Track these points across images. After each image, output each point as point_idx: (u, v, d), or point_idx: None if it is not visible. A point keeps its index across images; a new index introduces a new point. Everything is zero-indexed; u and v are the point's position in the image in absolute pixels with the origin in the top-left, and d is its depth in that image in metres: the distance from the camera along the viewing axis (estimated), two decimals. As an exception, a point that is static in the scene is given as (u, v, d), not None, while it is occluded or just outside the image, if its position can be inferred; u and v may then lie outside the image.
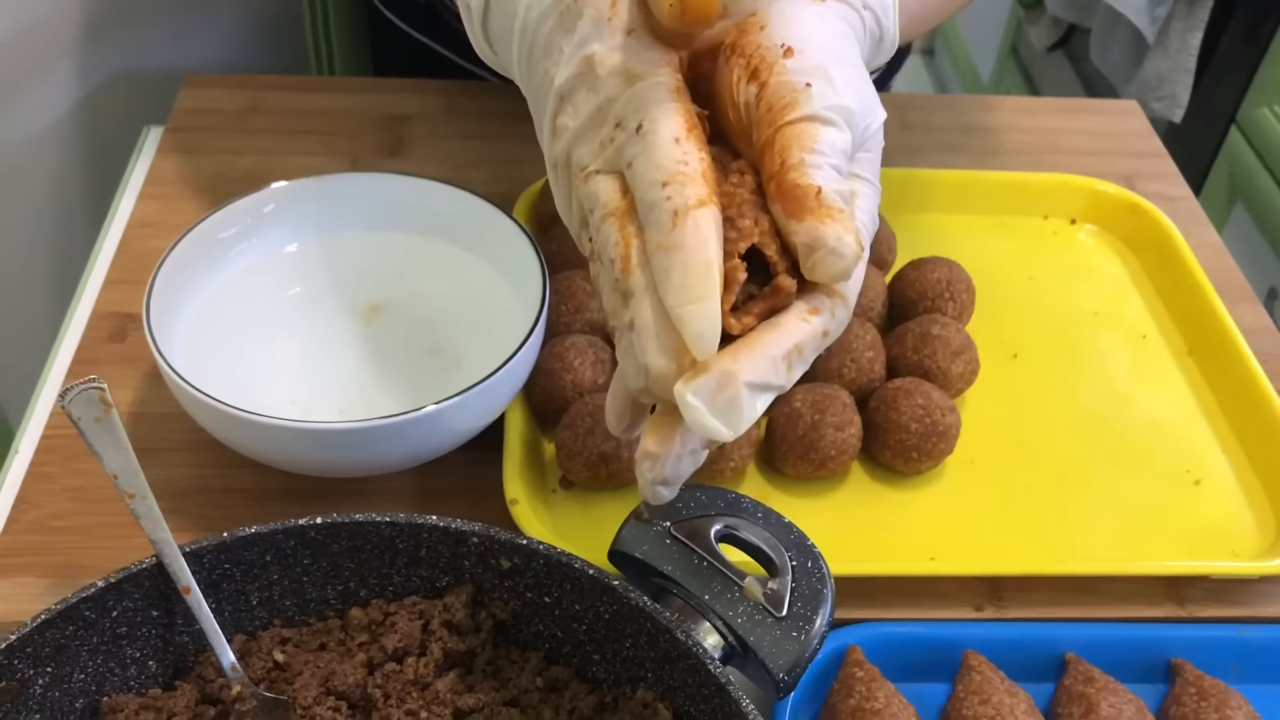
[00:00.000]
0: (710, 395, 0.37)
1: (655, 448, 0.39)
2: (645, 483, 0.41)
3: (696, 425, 0.37)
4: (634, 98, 0.39)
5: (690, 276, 0.37)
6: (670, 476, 0.40)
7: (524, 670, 0.50)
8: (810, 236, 0.37)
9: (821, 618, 0.47)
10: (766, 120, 0.39)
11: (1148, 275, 0.77)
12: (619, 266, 0.39)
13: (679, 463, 0.40)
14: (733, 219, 0.38)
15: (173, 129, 0.81)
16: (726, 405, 0.37)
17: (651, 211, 0.38)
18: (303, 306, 0.65)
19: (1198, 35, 1.56)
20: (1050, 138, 0.88)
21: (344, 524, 0.49)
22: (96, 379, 0.48)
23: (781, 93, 0.39)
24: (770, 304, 0.38)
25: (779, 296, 0.38)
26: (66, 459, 0.60)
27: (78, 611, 0.45)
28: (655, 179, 0.38)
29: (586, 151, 0.41)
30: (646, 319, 0.38)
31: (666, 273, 0.37)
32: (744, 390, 0.37)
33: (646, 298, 0.38)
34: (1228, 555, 0.61)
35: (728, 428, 0.37)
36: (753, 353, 0.37)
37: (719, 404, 0.37)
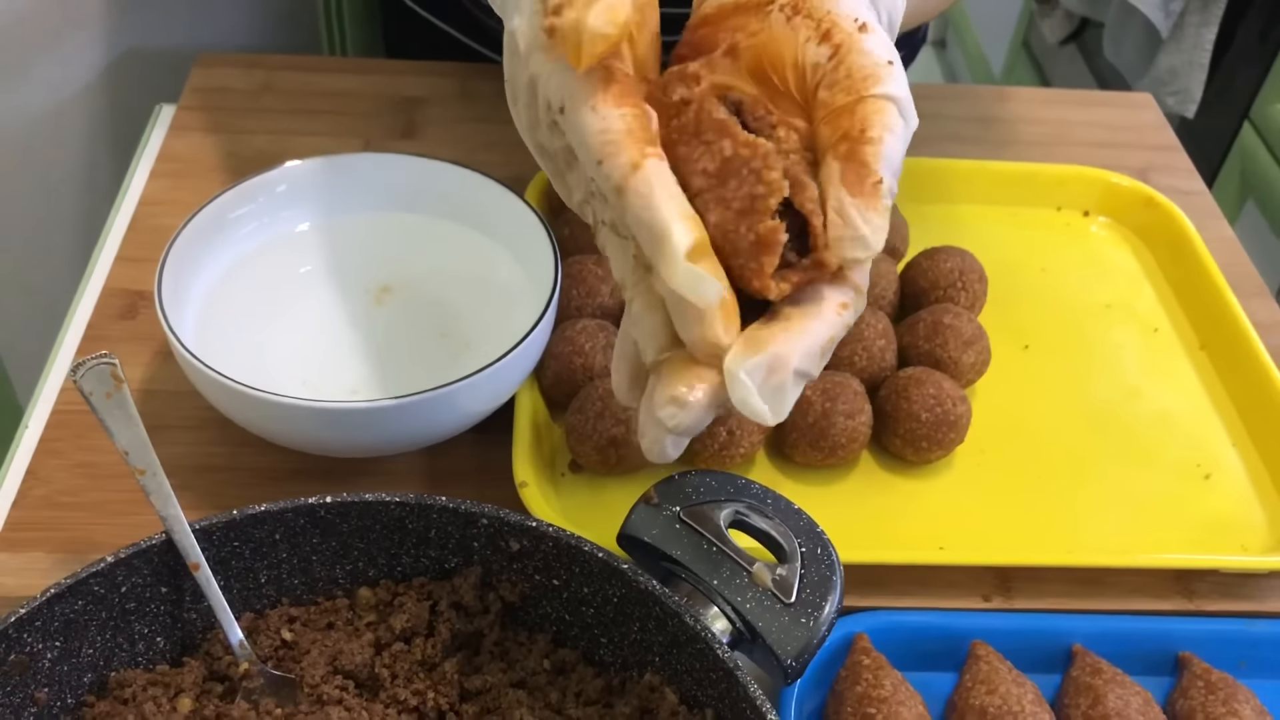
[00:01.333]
0: (762, 377, 0.36)
1: (684, 391, 0.38)
2: (659, 434, 0.39)
3: (742, 403, 0.36)
4: (550, 76, 0.38)
5: (657, 251, 0.36)
6: (693, 426, 0.39)
7: (531, 652, 0.50)
8: (851, 214, 0.37)
9: (830, 604, 0.47)
10: (846, 86, 0.38)
11: (1160, 268, 0.77)
12: (634, 243, 0.39)
13: (704, 414, 0.39)
14: (758, 171, 0.37)
15: (185, 107, 0.81)
16: (776, 389, 0.37)
17: (602, 193, 0.37)
18: (314, 286, 0.64)
19: (1212, 30, 1.55)
20: (1064, 129, 0.88)
21: (353, 503, 0.49)
22: (108, 354, 0.48)
23: (865, 64, 0.38)
24: (809, 277, 0.38)
25: (820, 271, 0.38)
26: (76, 435, 0.60)
27: (87, 586, 0.45)
28: (591, 159, 0.37)
29: (544, 135, 0.40)
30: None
31: (645, 248, 0.37)
32: (791, 377, 0.37)
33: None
34: (1237, 549, 0.61)
35: (773, 413, 0.37)
36: (803, 340, 0.37)
37: (769, 387, 0.37)
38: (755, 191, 0.37)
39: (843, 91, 0.38)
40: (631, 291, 0.40)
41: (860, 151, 0.37)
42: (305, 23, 0.96)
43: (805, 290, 0.38)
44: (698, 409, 0.38)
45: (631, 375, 0.43)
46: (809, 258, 0.38)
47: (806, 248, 0.38)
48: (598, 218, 0.41)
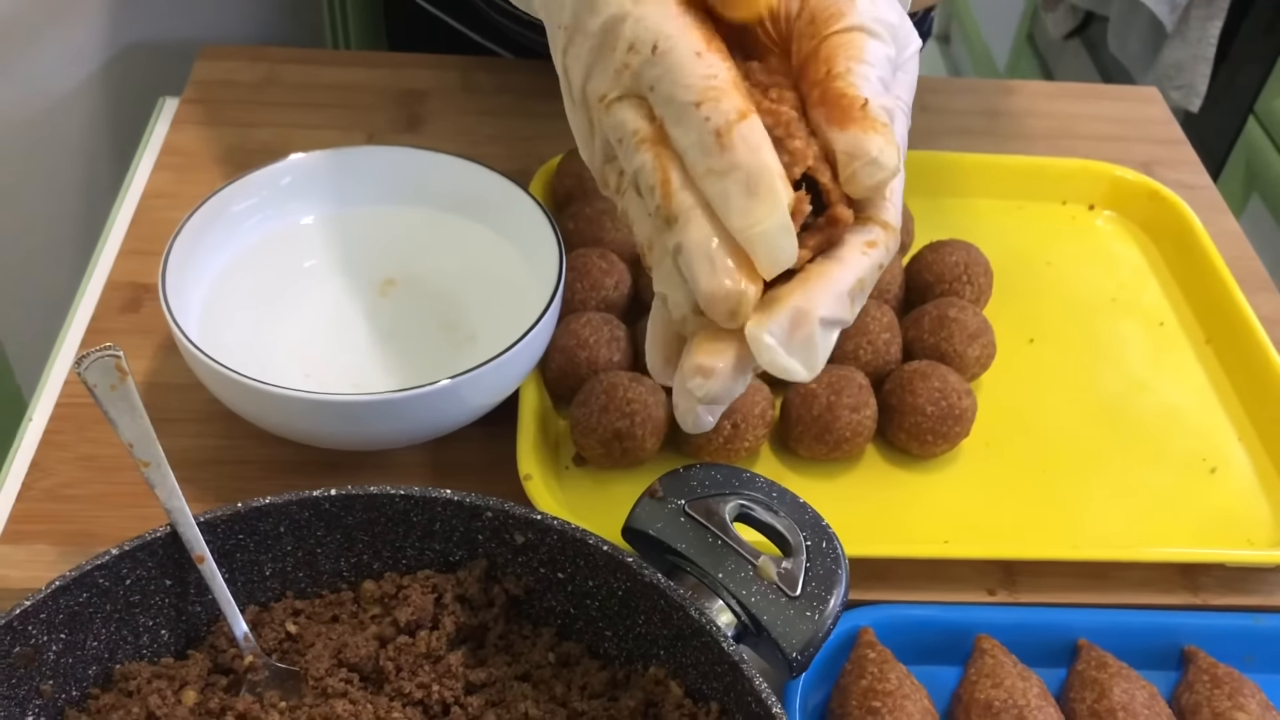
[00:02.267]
0: (785, 335, 0.36)
1: (709, 360, 0.38)
2: (690, 404, 0.39)
3: (773, 365, 0.36)
4: (643, 17, 0.38)
5: (755, 197, 0.36)
6: (721, 394, 0.38)
7: (536, 645, 0.49)
8: (853, 145, 0.36)
9: (835, 598, 0.47)
10: (809, 31, 0.38)
11: (1166, 262, 0.76)
12: (659, 193, 0.38)
13: (732, 382, 0.38)
14: (781, 139, 0.37)
15: (189, 100, 0.81)
16: (803, 344, 0.36)
17: (691, 134, 0.36)
18: (318, 279, 0.64)
19: (1217, 24, 1.55)
20: (1070, 123, 0.88)
21: (358, 496, 0.49)
22: (112, 346, 0.47)
23: (826, 3, 0.38)
24: (826, 235, 0.37)
25: (836, 228, 0.37)
26: (80, 427, 0.60)
27: (91, 579, 0.45)
28: (686, 100, 0.36)
29: (602, 80, 0.39)
30: (697, 242, 0.37)
31: (725, 197, 0.36)
32: (818, 327, 0.36)
33: (694, 220, 0.37)
34: (1243, 543, 0.60)
35: (805, 367, 0.36)
36: (823, 288, 0.37)
37: (795, 343, 0.36)
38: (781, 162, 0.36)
39: (809, 38, 0.38)
40: (657, 252, 0.40)
41: (832, 89, 0.37)
42: (308, 15, 0.96)
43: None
44: (724, 377, 0.38)
45: (665, 353, 0.42)
46: (823, 216, 0.37)
47: (821, 207, 0.37)
48: (622, 176, 0.40)
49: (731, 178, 0.36)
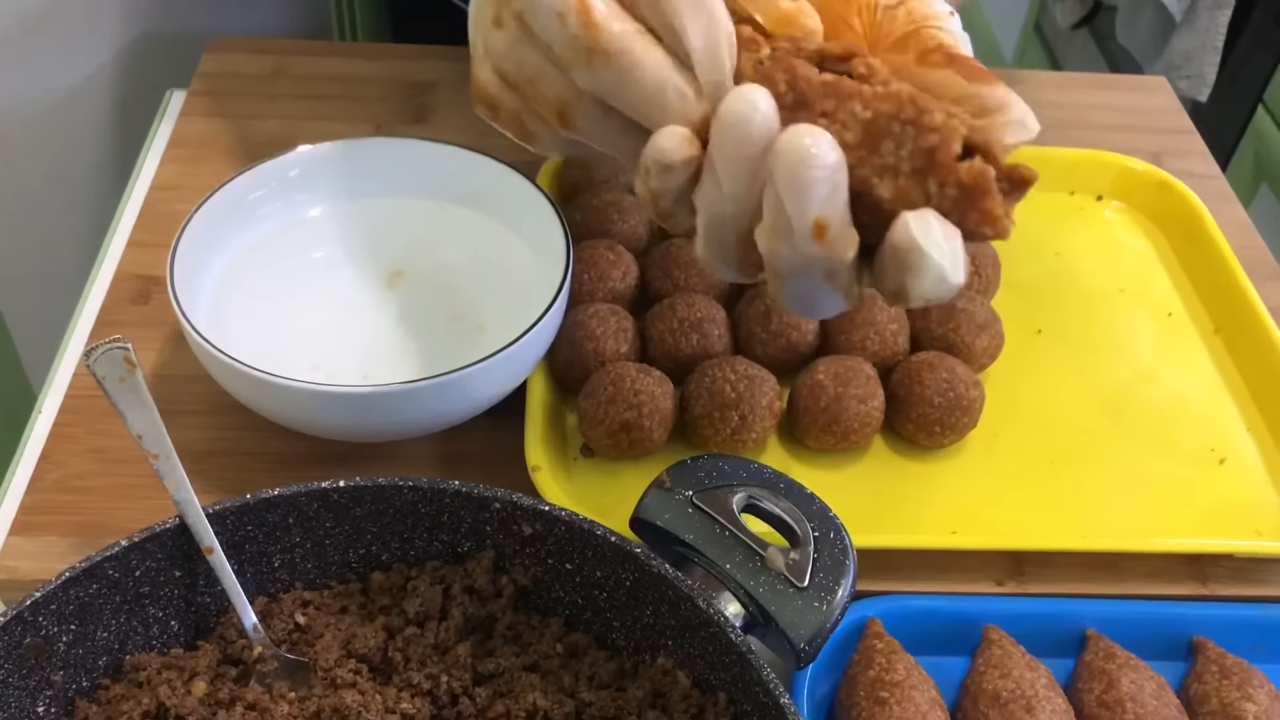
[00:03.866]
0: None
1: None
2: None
3: (925, 237, 0.35)
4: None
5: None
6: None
7: (544, 636, 0.50)
8: (1002, 100, 0.36)
9: (843, 589, 0.47)
10: (907, 19, 0.38)
11: (1174, 252, 0.76)
12: (576, 17, 0.37)
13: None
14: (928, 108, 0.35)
15: (196, 92, 0.81)
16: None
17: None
18: (326, 271, 0.64)
19: (1226, 14, 1.54)
20: (1078, 113, 0.87)
21: (367, 487, 0.49)
22: (121, 338, 0.48)
23: (924, 8, 0.39)
24: (1020, 193, 0.36)
25: (1025, 185, 0.36)
26: (90, 419, 0.60)
27: (101, 570, 0.45)
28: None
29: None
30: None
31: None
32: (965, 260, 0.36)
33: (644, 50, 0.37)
34: (1251, 534, 0.60)
35: (950, 264, 0.36)
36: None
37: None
38: (927, 144, 0.34)
39: (903, 23, 0.38)
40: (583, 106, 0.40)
41: (960, 57, 0.37)
42: (315, 7, 0.96)
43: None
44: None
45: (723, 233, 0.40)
46: (1005, 174, 0.35)
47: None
48: (578, 89, 0.39)
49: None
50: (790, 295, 0.39)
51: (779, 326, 0.62)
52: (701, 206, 0.39)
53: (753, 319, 0.63)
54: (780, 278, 0.38)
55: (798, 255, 0.36)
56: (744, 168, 0.36)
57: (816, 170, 0.35)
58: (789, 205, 0.35)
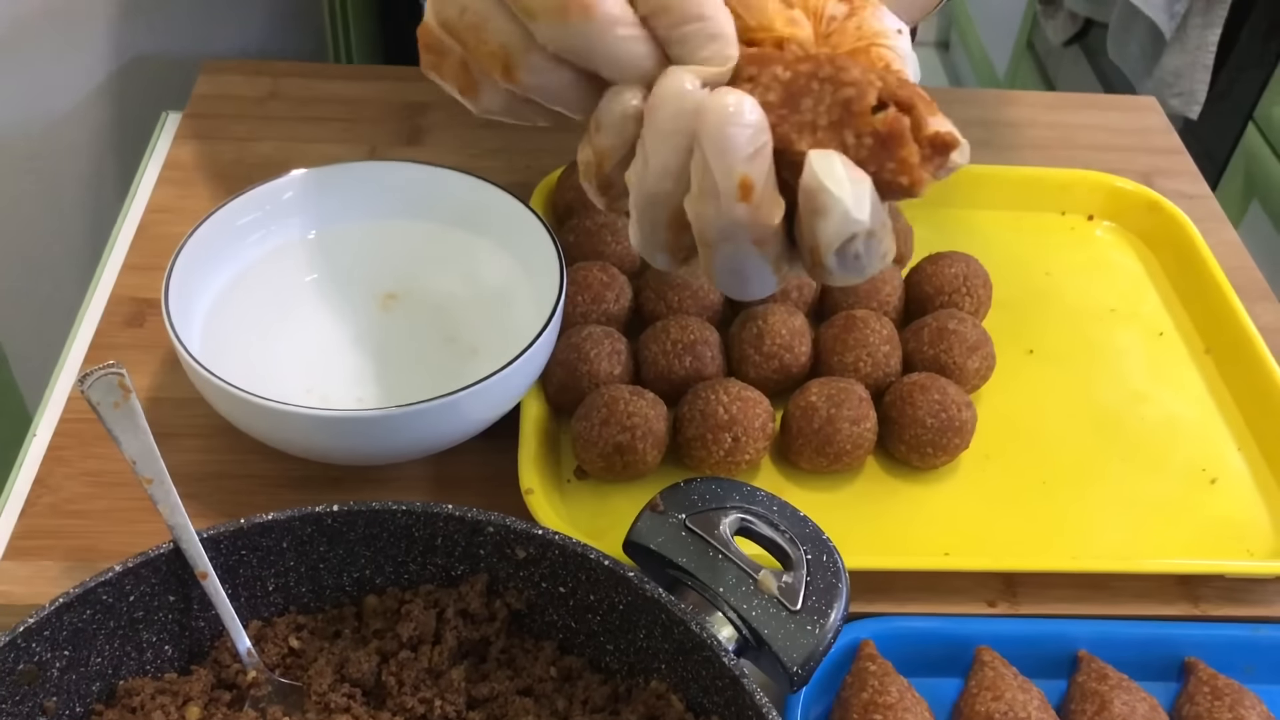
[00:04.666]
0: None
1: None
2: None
3: (827, 172, 0.35)
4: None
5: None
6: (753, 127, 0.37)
7: (538, 660, 0.50)
8: (948, 127, 0.36)
9: (836, 612, 0.47)
10: (856, 35, 0.39)
11: (1165, 272, 0.77)
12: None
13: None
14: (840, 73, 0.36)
15: (191, 114, 0.81)
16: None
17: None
18: (320, 294, 0.65)
19: (1216, 31, 1.55)
20: (1068, 133, 0.88)
21: (360, 511, 0.49)
22: (116, 364, 0.48)
23: (875, 25, 0.39)
24: (943, 156, 0.36)
25: (949, 148, 0.36)
26: (84, 443, 0.61)
27: (95, 595, 0.45)
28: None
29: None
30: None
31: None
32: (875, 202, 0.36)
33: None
34: (1243, 554, 0.61)
35: (854, 201, 0.36)
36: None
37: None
38: (844, 97, 0.36)
39: (852, 37, 0.39)
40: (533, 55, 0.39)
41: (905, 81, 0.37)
42: (310, 29, 0.96)
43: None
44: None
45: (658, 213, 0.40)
46: (928, 139, 0.36)
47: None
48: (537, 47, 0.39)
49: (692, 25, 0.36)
50: (721, 266, 0.39)
51: (772, 348, 0.63)
52: (634, 185, 0.40)
53: (746, 341, 0.63)
54: (710, 246, 0.38)
55: (724, 218, 0.37)
56: (674, 141, 0.37)
57: (739, 127, 0.36)
58: (714, 164, 0.36)
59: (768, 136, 0.36)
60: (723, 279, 0.40)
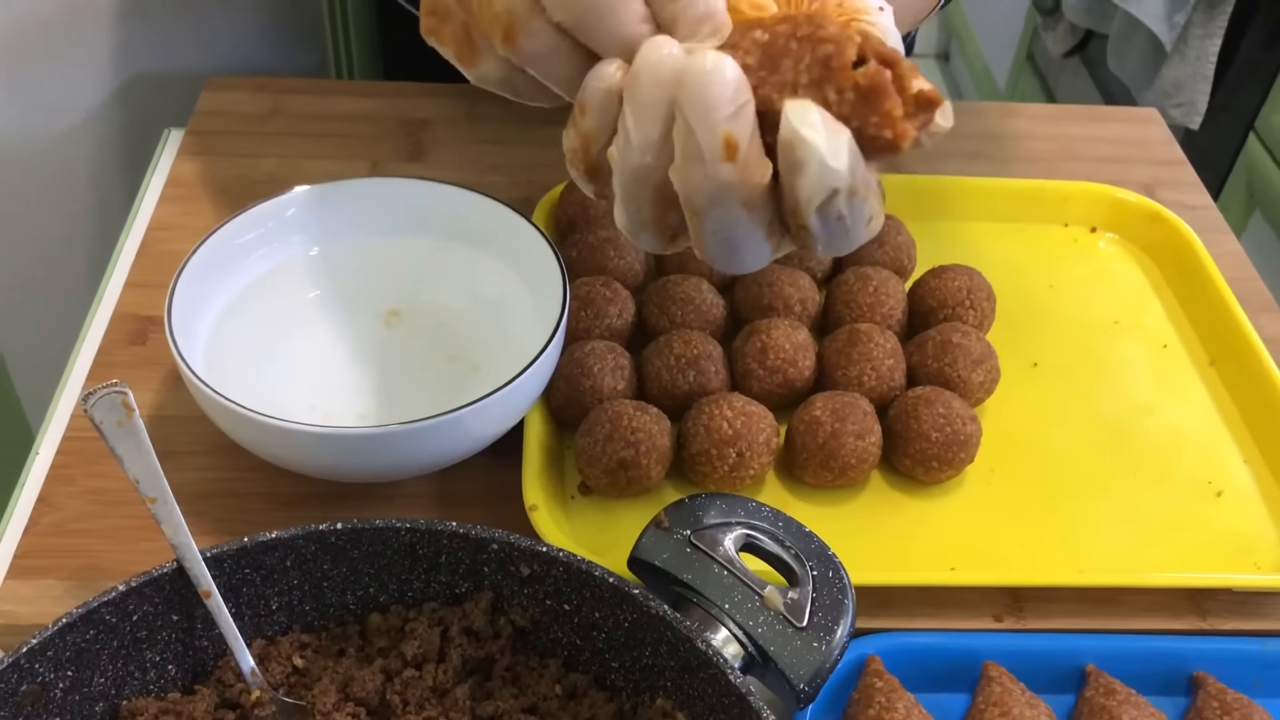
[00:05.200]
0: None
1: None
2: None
3: (801, 119, 0.35)
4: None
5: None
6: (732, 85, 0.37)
7: (543, 677, 0.49)
8: (931, 86, 0.36)
9: (842, 628, 0.47)
10: (838, 10, 0.38)
11: (1168, 284, 0.76)
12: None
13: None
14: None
15: (193, 131, 0.81)
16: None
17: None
18: (323, 311, 0.65)
19: (1216, 42, 1.56)
20: (1070, 145, 0.88)
21: (364, 529, 0.49)
22: (119, 383, 0.48)
23: (855, 0, 0.39)
24: (929, 114, 0.36)
25: (932, 106, 0.36)
26: (87, 461, 0.60)
27: (98, 615, 0.45)
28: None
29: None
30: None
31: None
32: (851, 143, 0.36)
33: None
34: (1250, 567, 0.60)
35: (829, 149, 0.35)
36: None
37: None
38: (823, 54, 0.35)
39: (833, 12, 0.38)
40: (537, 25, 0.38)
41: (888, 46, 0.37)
42: (313, 45, 0.96)
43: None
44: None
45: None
46: (911, 98, 0.36)
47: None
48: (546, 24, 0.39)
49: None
50: (711, 235, 0.39)
51: (775, 362, 0.63)
52: (617, 162, 0.39)
53: (749, 355, 0.63)
54: (699, 213, 0.38)
55: (711, 181, 0.37)
56: (655, 111, 0.37)
57: (719, 85, 0.36)
58: (696, 125, 0.36)
59: (749, 95, 0.36)
60: (713, 249, 0.39)
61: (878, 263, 0.70)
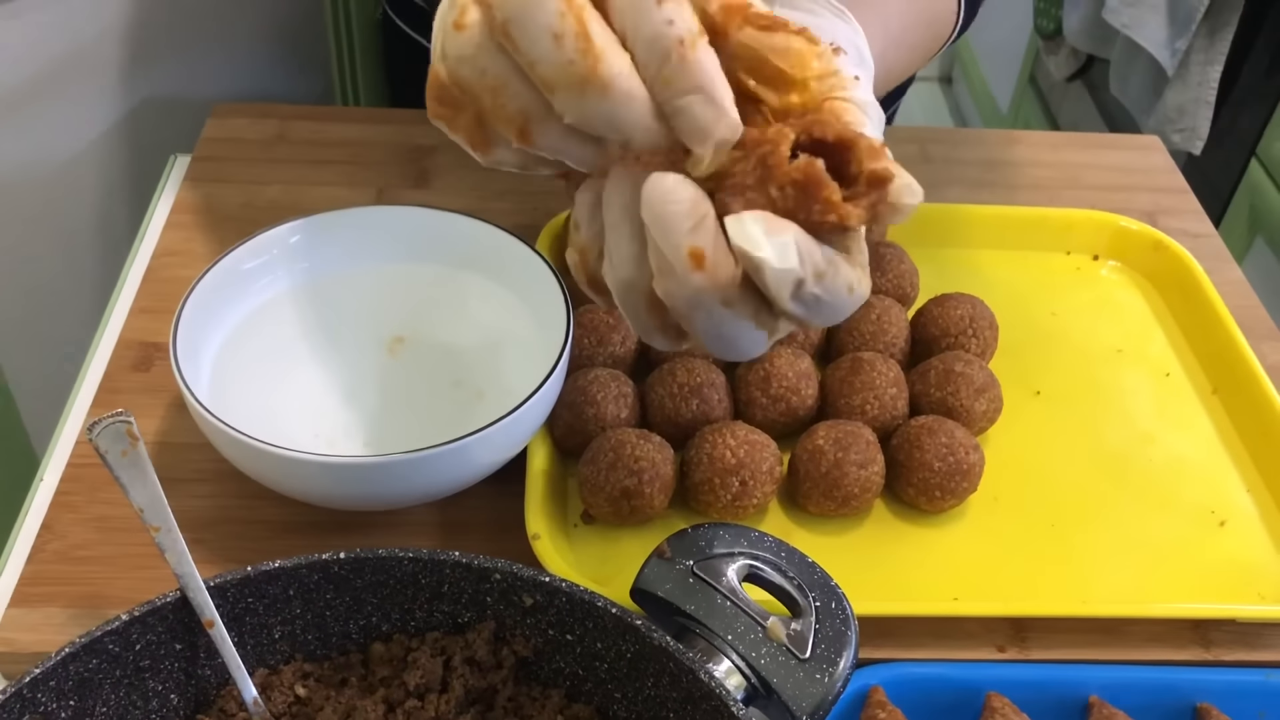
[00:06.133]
0: (765, 221, 0.36)
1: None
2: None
3: (741, 235, 0.36)
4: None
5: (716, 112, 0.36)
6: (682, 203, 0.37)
7: (545, 708, 0.49)
8: (885, 164, 0.37)
9: (845, 660, 0.47)
10: (818, 90, 0.39)
11: (1171, 312, 0.77)
12: (574, 45, 0.36)
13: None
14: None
15: (200, 158, 0.82)
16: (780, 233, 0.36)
17: (645, 29, 0.36)
18: (327, 338, 0.65)
19: (1218, 68, 1.56)
20: (1073, 173, 0.88)
21: (367, 559, 0.49)
22: (124, 412, 0.48)
23: (829, 65, 0.39)
24: (878, 193, 0.37)
25: (883, 186, 0.37)
26: (91, 488, 0.61)
27: (101, 645, 0.45)
28: (657, 17, 0.36)
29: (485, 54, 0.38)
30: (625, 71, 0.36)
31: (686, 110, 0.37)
32: (798, 238, 0.36)
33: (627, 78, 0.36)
34: (1254, 598, 0.60)
35: (775, 254, 0.36)
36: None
37: (772, 229, 0.36)
38: (761, 154, 0.37)
39: (809, 92, 0.39)
40: (549, 122, 0.39)
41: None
42: (318, 72, 0.97)
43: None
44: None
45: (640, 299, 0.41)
46: (865, 172, 0.37)
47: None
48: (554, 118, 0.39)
49: (695, 98, 0.36)
50: (705, 335, 0.40)
51: (779, 391, 0.63)
52: (608, 277, 0.41)
53: (752, 384, 0.63)
54: (686, 318, 0.39)
55: (686, 288, 0.38)
56: (626, 229, 0.39)
57: (675, 204, 0.37)
58: (663, 243, 0.37)
59: (707, 207, 0.37)
60: (713, 345, 0.40)
61: (880, 291, 0.70)
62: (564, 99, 0.37)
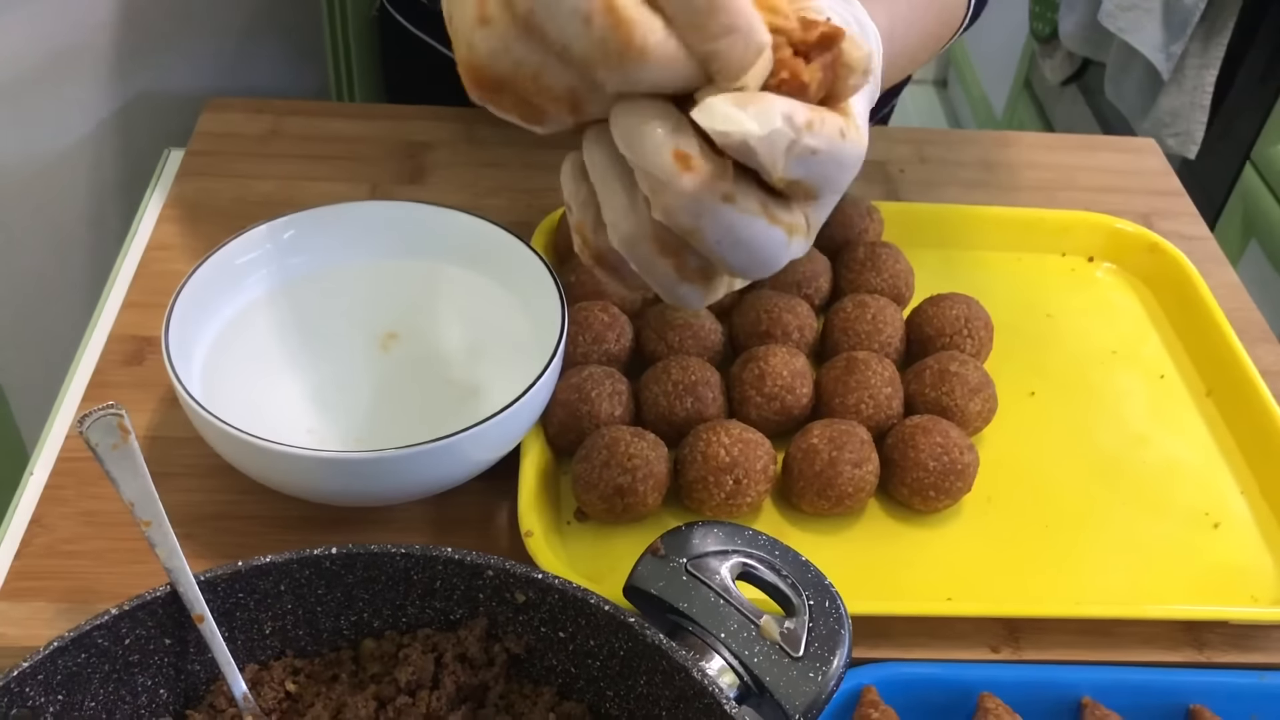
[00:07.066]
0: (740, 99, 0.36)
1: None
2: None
3: (715, 118, 0.35)
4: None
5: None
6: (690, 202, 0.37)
7: (537, 705, 0.49)
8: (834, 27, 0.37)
9: (839, 659, 0.47)
10: (790, 11, 0.38)
11: (1166, 314, 0.77)
12: (604, 18, 0.35)
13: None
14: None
15: (193, 152, 0.81)
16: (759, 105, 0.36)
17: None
18: (320, 334, 0.65)
19: (1213, 72, 1.56)
20: (1068, 174, 0.88)
21: (359, 555, 0.49)
22: (115, 405, 0.48)
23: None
24: (832, 57, 0.37)
25: (832, 38, 0.37)
26: (81, 482, 0.60)
27: (90, 639, 0.45)
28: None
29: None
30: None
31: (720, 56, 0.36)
32: (775, 100, 0.36)
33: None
34: (1247, 600, 0.60)
35: (756, 121, 0.35)
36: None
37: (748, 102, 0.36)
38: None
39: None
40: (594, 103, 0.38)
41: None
42: (314, 67, 0.97)
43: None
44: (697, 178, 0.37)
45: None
46: (817, 35, 0.37)
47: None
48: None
49: (727, 39, 0.36)
50: (718, 245, 0.39)
51: (773, 390, 0.62)
52: (613, 238, 0.40)
53: (747, 382, 0.63)
54: (696, 232, 0.38)
55: (683, 195, 0.37)
56: (614, 172, 0.39)
57: (645, 116, 0.37)
58: (646, 161, 0.37)
59: (677, 113, 0.37)
60: (733, 257, 0.39)
61: (875, 290, 0.70)
62: (605, 74, 0.36)
